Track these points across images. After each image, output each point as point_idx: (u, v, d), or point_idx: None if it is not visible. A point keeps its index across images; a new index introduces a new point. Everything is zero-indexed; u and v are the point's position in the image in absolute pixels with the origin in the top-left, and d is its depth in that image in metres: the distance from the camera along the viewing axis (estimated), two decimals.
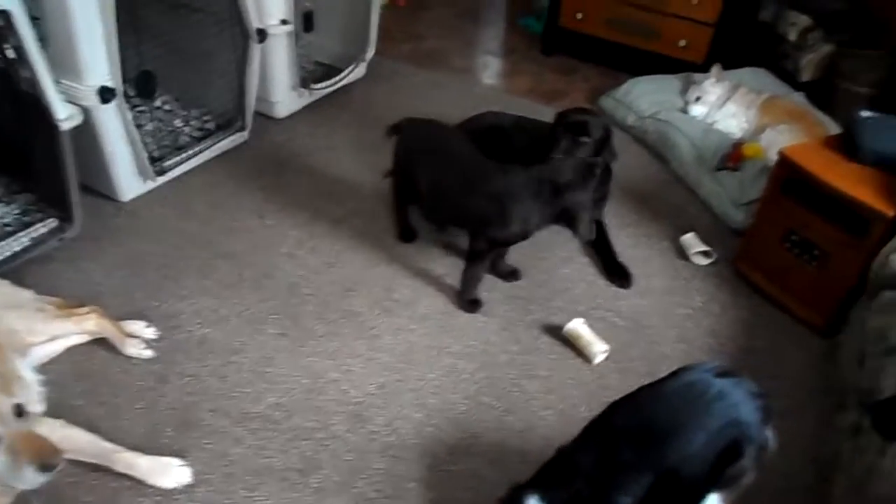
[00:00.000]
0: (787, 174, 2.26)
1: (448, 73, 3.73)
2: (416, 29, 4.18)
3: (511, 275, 2.40)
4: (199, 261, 2.33)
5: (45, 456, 1.37)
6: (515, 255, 2.50)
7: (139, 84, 2.39)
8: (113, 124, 2.33)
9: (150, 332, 2.04)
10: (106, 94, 2.21)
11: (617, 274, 2.46)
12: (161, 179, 2.59)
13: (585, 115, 2.43)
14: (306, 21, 2.98)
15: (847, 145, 2.25)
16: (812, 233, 2.23)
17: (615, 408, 1.47)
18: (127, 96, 2.35)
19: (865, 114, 2.30)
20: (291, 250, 2.42)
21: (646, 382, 2.04)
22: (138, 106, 2.81)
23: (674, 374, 1.45)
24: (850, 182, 2.13)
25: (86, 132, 2.29)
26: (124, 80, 2.28)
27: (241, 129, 2.86)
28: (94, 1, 2.11)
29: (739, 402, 1.38)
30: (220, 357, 2.02)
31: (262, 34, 2.68)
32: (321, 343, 2.10)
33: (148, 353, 1.98)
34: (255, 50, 2.71)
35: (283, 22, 2.81)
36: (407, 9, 4.45)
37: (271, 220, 2.53)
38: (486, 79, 3.78)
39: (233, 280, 2.28)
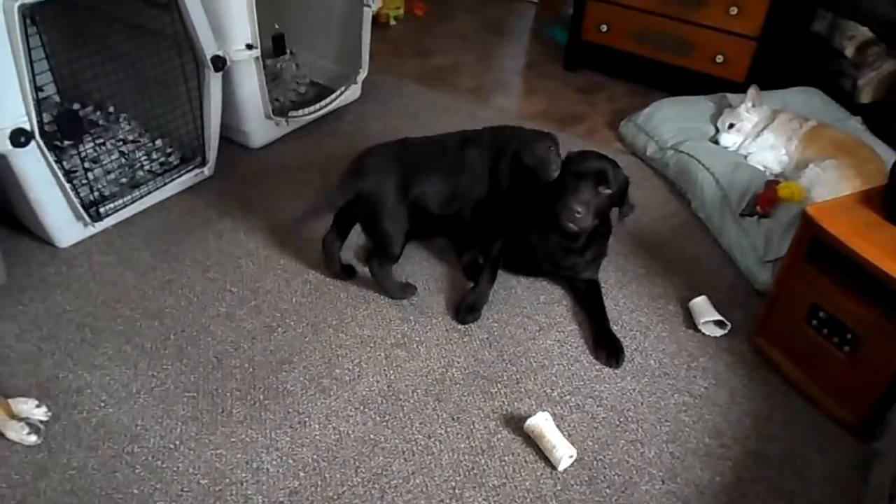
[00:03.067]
0: (814, 237, 1.82)
1: (454, 93, 3.39)
2: (428, 42, 3.85)
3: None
4: (125, 321, 2.08)
5: None
6: (489, 321, 2.15)
7: (62, 124, 2.13)
8: (35, 169, 2.09)
9: (40, 413, 1.78)
10: (20, 138, 1.98)
11: (606, 347, 2.06)
12: (101, 225, 2.35)
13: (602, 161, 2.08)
14: (276, 44, 2.69)
15: (890, 202, 1.79)
16: (842, 312, 1.79)
17: None
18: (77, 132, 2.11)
19: None
20: (230, 310, 2.14)
21: (620, 497, 1.69)
22: (99, 139, 2.61)
23: None
24: (890, 253, 1.67)
25: (9, 178, 2.08)
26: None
27: (202, 164, 2.60)
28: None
29: None
30: (115, 445, 1.75)
31: (220, 62, 2.40)
32: (236, 430, 1.80)
33: (32, 440, 1.73)
34: (213, 79, 2.44)
35: (249, 47, 2.53)
36: (426, 20, 4.13)
37: (215, 273, 2.26)
38: (495, 99, 3.41)
39: (156, 346, 2.01)
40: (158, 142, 2.68)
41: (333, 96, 3.01)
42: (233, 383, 1.92)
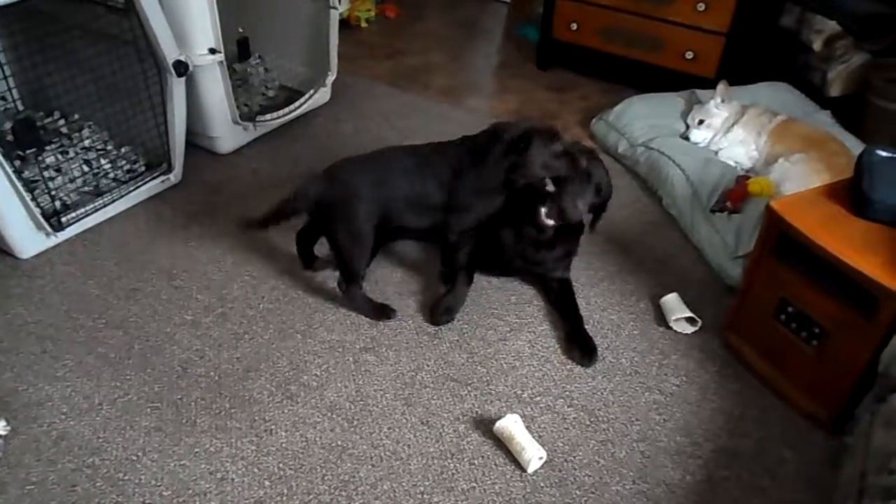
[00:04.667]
0: (779, 231, 1.81)
1: (426, 94, 3.37)
2: (400, 43, 3.83)
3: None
4: (88, 332, 2.04)
5: None
6: (459, 322, 2.13)
7: (18, 133, 2.09)
8: None
9: None
10: None
11: (579, 347, 2.05)
12: (64, 234, 2.31)
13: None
14: (241, 49, 2.66)
15: (855, 195, 1.79)
16: (810, 307, 1.78)
17: None
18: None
19: (882, 153, 1.83)
20: (197, 317, 2.10)
21: (590, 499, 1.67)
22: (61, 147, 2.57)
23: None
24: (855, 246, 1.67)
25: None
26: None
27: (168, 171, 2.56)
28: None
29: None
30: (76, 458, 1.71)
31: (182, 67, 2.36)
32: (200, 440, 1.77)
33: None
34: (176, 85, 2.41)
35: (212, 51, 2.50)
36: (397, 21, 4.11)
37: (181, 281, 2.22)
38: (468, 99, 3.38)
39: (119, 356, 1.97)
40: (123, 149, 2.64)
41: (302, 100, 2.97)
42: (198, 392, 1.89)
